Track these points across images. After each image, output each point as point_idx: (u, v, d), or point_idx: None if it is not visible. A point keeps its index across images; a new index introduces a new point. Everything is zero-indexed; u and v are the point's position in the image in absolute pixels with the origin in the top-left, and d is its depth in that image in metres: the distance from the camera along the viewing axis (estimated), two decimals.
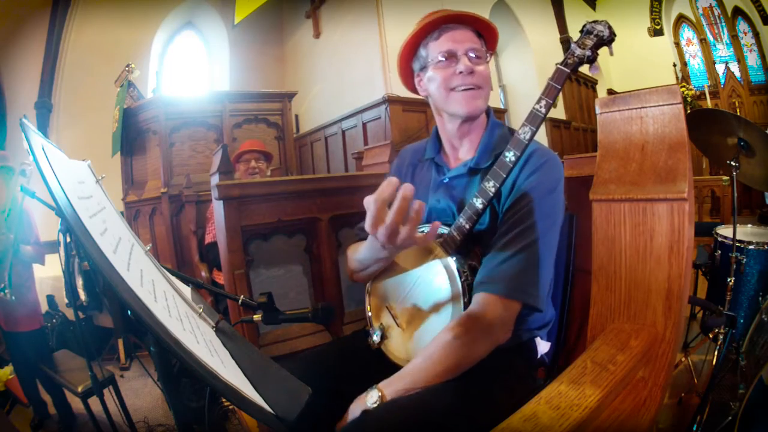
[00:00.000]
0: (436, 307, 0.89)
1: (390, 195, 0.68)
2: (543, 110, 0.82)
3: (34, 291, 2.21)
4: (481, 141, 0.97)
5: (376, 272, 1.01)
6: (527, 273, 0.83)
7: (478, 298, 0.83)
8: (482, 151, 0.95)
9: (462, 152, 1.01)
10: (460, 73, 0.91)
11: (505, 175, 0.82)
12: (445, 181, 0.99)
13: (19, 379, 2.26)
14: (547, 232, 0.85)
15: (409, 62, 1.02)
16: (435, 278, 0.90)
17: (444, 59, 0.93)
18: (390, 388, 0.79)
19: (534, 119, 0.82)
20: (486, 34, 0.98)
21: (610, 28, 0.83)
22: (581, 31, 0.85)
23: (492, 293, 0.82)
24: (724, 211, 4.46)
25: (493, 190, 0.83)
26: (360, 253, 0.97)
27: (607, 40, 0.84)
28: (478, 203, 0.84)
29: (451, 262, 0.87)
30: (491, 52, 0.99)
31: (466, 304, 0.84)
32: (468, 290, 0.85)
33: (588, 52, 0.83)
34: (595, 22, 0.84)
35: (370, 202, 0.70)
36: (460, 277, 0.85)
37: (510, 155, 0.82)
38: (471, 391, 0.79)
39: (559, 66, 0.85)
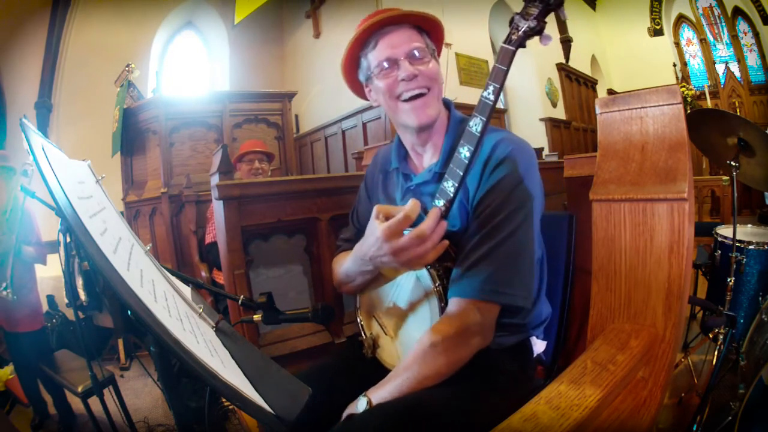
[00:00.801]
0: (416, 313, 0.88)
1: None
2: (491, 97, 0.75)
3: (36, 291, 2.21)
4: (443, 143, 0.92)
5: (362, 285, 0.99)
6: (503, 271, 0.80)
7: (453, 304, 0.81)
8: (446, 153, 0.90)
9: (426, 158, 0.97)
10: (403, 80, 0.86)
11: (462, 173, 0.77)
12: (411, 188, 0.95)
13: (19, 379, 2.27)
14: (523, 224, 0.82)
15: (354, 75, 0.97)
16: (412, 284, 0.89)
17: (384, 68, 0.88)
18: (377, 395, 0.79)
19: (483, 108, 0.76)
20: (428, 28, 0.92)
21: None
22: (525, 0, 0.74)
23: (466, 297, 0.80)
24: (724, 211, 4.46)
25: (452, 190, 0.78)
26: (345, 266, 0.97)
27: (554, 4, 0.71)
28: (441, 205, 0.80)
29: (424, 269, 0.85)
30: (437, 47, 0.93)
31: (443, 309, 0.83)
32: (444, 293, 0.83)
33: (533, 23, 0.72)
34: None
35: (382, 213, 0.77)
36: (434, 282, 0.83)
37: (464, 151, 0.77)
38: (462, 393, 0.79)
39: (503, 45, 0.75)
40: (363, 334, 1.02)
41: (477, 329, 0.80)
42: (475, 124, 0.76)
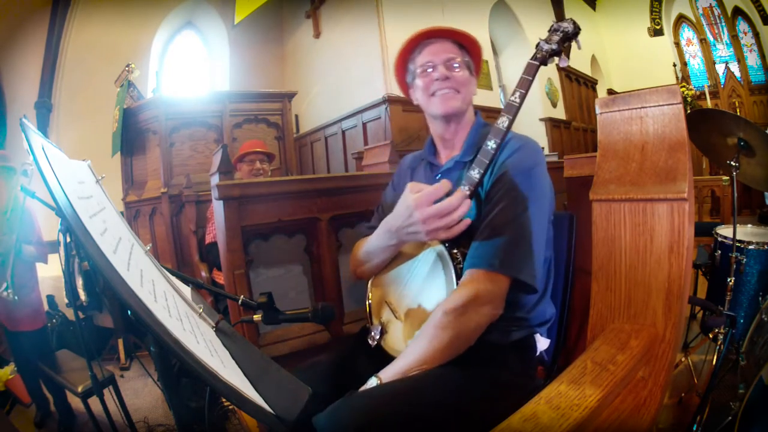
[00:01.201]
0: (432, 296, 0.91)
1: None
2: (518, 100, 0.90)
3: (38, 290, 2.21)
4: (466, 138, 1.04)
5: (381, 265, 1.04)
6: (513, 247, 0.85)
7: (466, 275, 0.86)
8: (467, 146, 1.02)
9: (452, 152, 1.07)
10: (437, 79, 1.00)
11: (488, 162, 0.88)
12: (437, 177, 1.04)
13: (22, 378, 2.27)
14: (530, 208, 0.88)
15: (404, 77, 1.12)
16: (429, 267, 0.93)
17: (424, 70, 1.02)
18: (387, 373, 0.81)
19: (510, 109, 0.90)
20: (467, 45, 1.05)
21: (574, 24, 0.93)
22: (549, 30, 0.94)
23: (478, 268, 0.85)
24: (724, 211, 4.46)
25: (477, 176, 0.88)
26: (367, 245, 1.04)
27: (572, 34, 0.92)
28: (465, 189, 0.87)
29: (444, 250, 0.90)
30: (475, 62, 1.06)
31: None
32: (460, 276, 0.87)
33: (554, 46, 0.92)
34: (561, 21, 0.94)
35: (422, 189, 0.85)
36: (453, 264, 0.88)
37: (491, 143, 0.89)
38: (466, 383, 0.81)
39: (529, 61, 0.93)
40: (370, 321, 1.03)
41: (486, 298, 0.84)
42: (502, 122, 0.89)
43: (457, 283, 0.87)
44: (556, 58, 0.95)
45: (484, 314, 0.84)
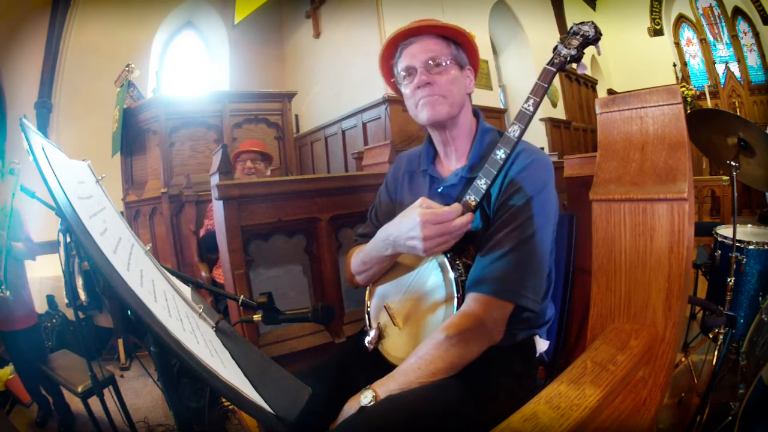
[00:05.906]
0: (431, 305, 0.90)
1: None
2: (531, 109, 0.85)
3: (28, 288, 2.22)
4: (472, 148, 0.98)
5: (377, 274, 1.02)
6: (519, 273, 0.84)
7: (470, 299, 0.84)
8: (474, 158, 0.96)
9: (454, 161, 1.01)
10: (419, 86, 0.92)
11: (496, 173, 0.84)
12: (439, 191, 0.99)
13: (21, 379, 2.27)
14: (539, 230, 0.86)
15: (392, 83, 1.05)
16: (430, 276, 0.91)
17: (406, 76, 0.95)
18: (383, 387, 0.80)
19: (523, 118, 0.85)
20: (453, 36, 0.96)
21: (596, 27, 0.87)
22: (568, 32, 0.88)
23: (483, 293, 0.83)
24: (724, 211, 4.46)
25: (484, 187, 0.84)
26: (363, 254, 1.00)
27: (593, 39, 0.87)
28: (471, 200, 0.85)
29: (446, 260, 0.88)
30: (468, 52, 0.98)
31: (460, 301, 0.86)
32: (461, 288, 0.86)
33: (573, 51, 0.86)
34: (582, 23, 0.88)
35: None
36: (454, 275, 0.87)
37: (500, 153, 0.84)
38: (469, 389, 0.80)
39: (546, 66, 0.88)
40: (368, 324, 1.03)
41: (491, 325, 0.83)
42: (513, 131, 0.84)
43: (458, 295, 0.86)
44: (575, 64, 0.89)
45: (486, 340, 0.84)
